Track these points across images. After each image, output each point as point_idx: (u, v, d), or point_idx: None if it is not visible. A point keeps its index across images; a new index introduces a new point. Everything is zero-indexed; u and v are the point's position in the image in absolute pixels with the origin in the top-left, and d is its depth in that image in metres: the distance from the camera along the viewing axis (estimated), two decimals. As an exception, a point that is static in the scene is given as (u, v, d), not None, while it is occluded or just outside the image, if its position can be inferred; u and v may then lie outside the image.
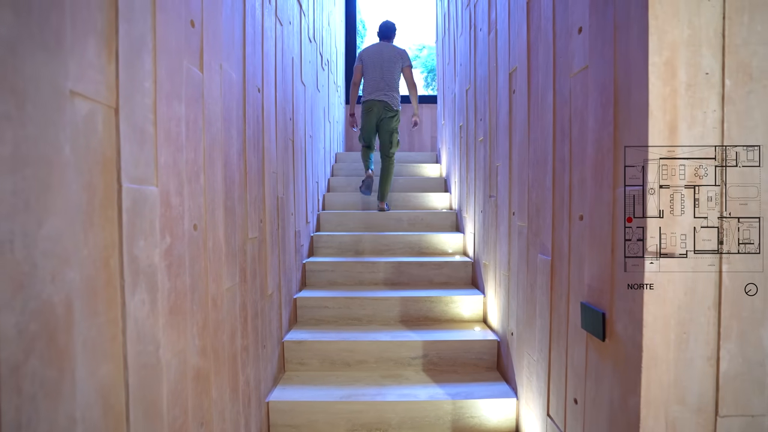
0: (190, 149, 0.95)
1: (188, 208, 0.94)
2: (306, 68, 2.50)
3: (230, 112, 1.22)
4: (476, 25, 2.30)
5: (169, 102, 0.86)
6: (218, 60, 1.13)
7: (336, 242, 2.63)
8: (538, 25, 1.36)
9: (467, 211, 2.58)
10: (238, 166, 1.29)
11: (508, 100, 1.68)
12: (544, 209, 1.29)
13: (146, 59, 0.78)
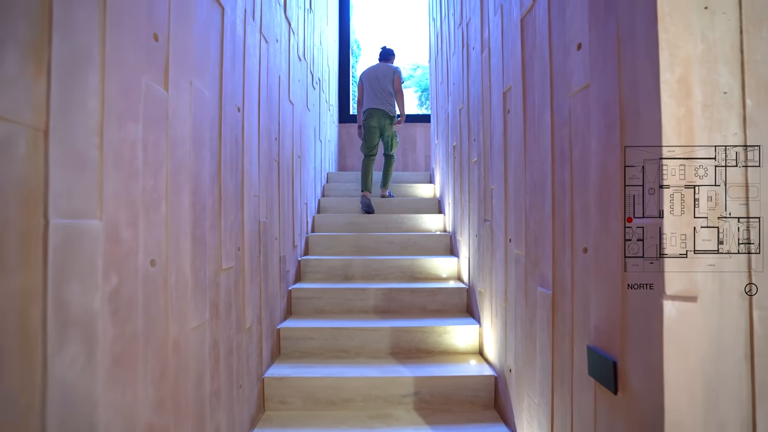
0: (148, 175, 0.85)
1: (144, 242, 0.83)
2: (295, 87, 2.43)
3: (202, 133, 1.12)
4: (469, 44, 2.25)
5: (122, 123, 0.76)
6: (188, 77, 1.04)
7: (324, 267, 2.51)
8: (533, 42, 1.29)
9: (461, 235, 2.48)
10: (211, 191, 1.19)
11: (503, 120, 1.61)
12: (543, 238, 1.19)
13: (91, 75, 0.69)
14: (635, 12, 0.76)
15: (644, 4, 0.73)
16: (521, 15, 1.38)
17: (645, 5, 0.73)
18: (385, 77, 3.49)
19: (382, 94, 3.47)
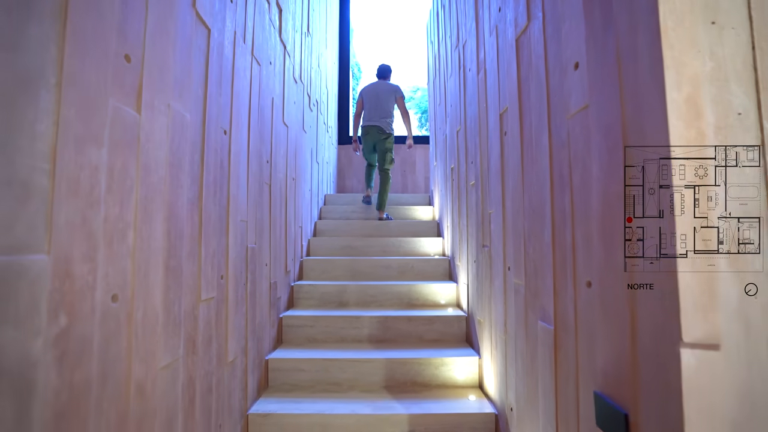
0: (112, 203, 0.79)
1: (104, 276, 0.76)
2: (290, 108, 2.41)
3: (181, 157, 1.07)
4: (465, 66, 2.23)
5: (81, 147, 0.70)
6: (165, 99, 0.99)
7: (318, 293, 2.42)
8: (528, 62, 1.25)
9: (460, 260, 2.39)
10: (190, 217, 1.12)
11: (500, 142, 1.55)
12: (543, 268, 1.11)
13: (44, 96, 0.63)
14: (636, 28, 0.70)
15: (646, 19, 0.68)
16: (516, 35, 1.34)
17: (646, 21, 0.68)
18: (387, 96, 3.54)
19: (380, 112, 3.52)
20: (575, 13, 0.94)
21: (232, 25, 1.46)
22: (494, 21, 1.64)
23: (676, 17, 0.65)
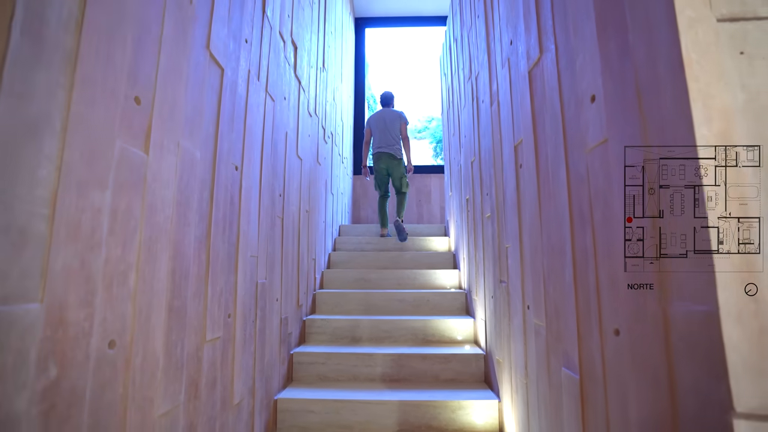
0: (114, 245, 0.77)
1: (102, 321, 0.73)
2: (304, 142, 2.43)
3: (189, 196, 1.06)
4: (478, 98, 2.22)
5: (83, 191, 0.69)
6: (175, 138, 0.99)
7: (331, 328, 2.35)
8: (542, 94, 1.22)
9: (477, 294, 2.30)
10: (197, 255, 1.10)
11: (515, 174, 1.51)
12: (565, 310, 1.03)
13: (47, 141, 0.62)
14: (656, 59, 0.67)
15: (666, 51, 0.64)
16: (528, 67, 1.33)
17: (667, 53, 0.64)
18: (393, 122, 3.71)
19: (389, 138, 3.67)
20: (589, 45, 0.91)
21: (246, 64, 1.49)
22: (506, 53, 1.63)
23: (700, 49, 0.61)
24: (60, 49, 0.65)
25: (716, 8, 0.62)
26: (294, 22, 2.20)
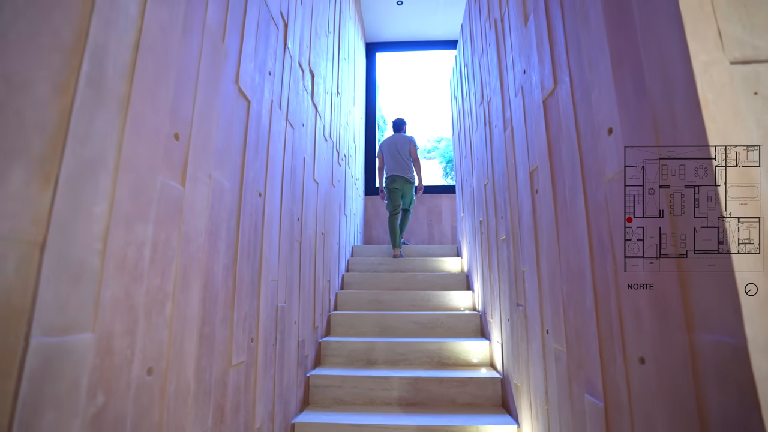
0: (154, 276, 0.81)
1: (141, 349, 0.77)
2: (320, 166, 2.49)
3: (218, 224, 1.10)
4: (491, 122, 2.27)
5: (130, 225, 0.74)
6: (207, 170, 1.04)
7: (346, 350, 2.35)
8: (558, 123, 1.25)
9: (492, 316, 2.30)
10: (225, 282, 1.14)
11: (531, 199, 1.53)
12: (586, 336, 1.04)
13: (102, 180, 0.67)
14: (672, 98, 0.70)
15: (682, 89, 0.68)
16: (543, 97, 1.37)
17: (683, 91, 0.67)
18: (403, 147, 3.95)
19: (402, 162, 3.92)
20: (604, 80, 0.95)
21: (269, 94, 1.56)
22: (519, 82, 1.68)
23: (715, 90, 0.64)
24: (116, 95, 0.71)
25: (729, 52, 0.66)
26: (312, 52, 2.30)
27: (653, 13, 0.76)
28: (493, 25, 2.20)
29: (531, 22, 1.51)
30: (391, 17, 5.18)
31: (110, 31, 0.69)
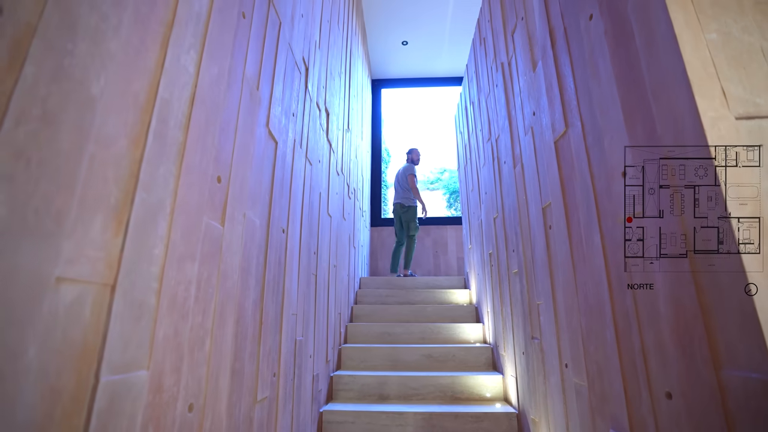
0: (197, 313, 0.85)
1: (185, 386, 0.80)
2: (333, 200, 2.56)
3: (250, 261, 1.15)
4: (500, 158, 2.35)
5: (181, 265, 0.79)
6: (242, 210, 1.10)
7: (358, 384, 2.33)
8: (570, 163, 1.32)
9: (505, 349, 2.30)
10: (254, 317, 1.17)
11: (544, 234, 1.58)
12: (609, 371, 1.07)
13: (161, 224, 0.73)
14: (686, 151, 0.76)
15: (693, 142, 0.74)
16: (555, 138, 1.45)
17: (694, 143, 0.74)
18: (403, 175, 4.35)
19: (399, 190, 4.32)
20: (615, 127, 1.02)
21: (293, 135, 1.64)
22: (528, 122, 1.77)
23: (724, 143, 0.70)
24: (174, 145, 0.77)
25: (734, 109, 0.73)
26: (327, 92, 2.41)
27: (661, 72, 0.84)
28: (500, 68, 2.32)
29: (539, 69, 1.62)
30: (396, 56, 5.42)
31: (173, 88, 0.77)
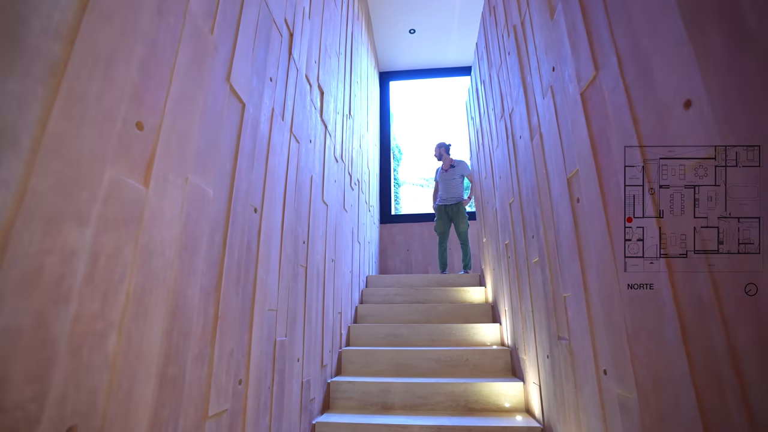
0: (90, 298, 0.61)
1: (59, 401, 0.56)
2: (330, 187, 2.32)
3: (197, 238, 0.91)
4: (514, 134, 2.08)
5: (53, 227, 0.55)
6: (183, 173, 0.86)
7: (358, 392, 2.07)
8: (602, 114, 1.05)
9: (525, 352, 2.00)
10: (203, 310, 0.93)
11: (571, 211, 1.30)
12: (671, 381, 0.78)
13: (11, 163, 0.49)
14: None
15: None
16: (581, 90, 1.17)
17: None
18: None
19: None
20: (672, 43, 0.75)
21: (270, 102, 1.41)
22: (547, 82, 1.50)
23: None
24: (44, 58, 0.54)
25: None
26: (321, 69, 2.19)
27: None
28: (512, 32, 2.06)
29: (559, 13, 1.35)
30: (404, 46, 5.19)
31: (35, -25, 0.54)
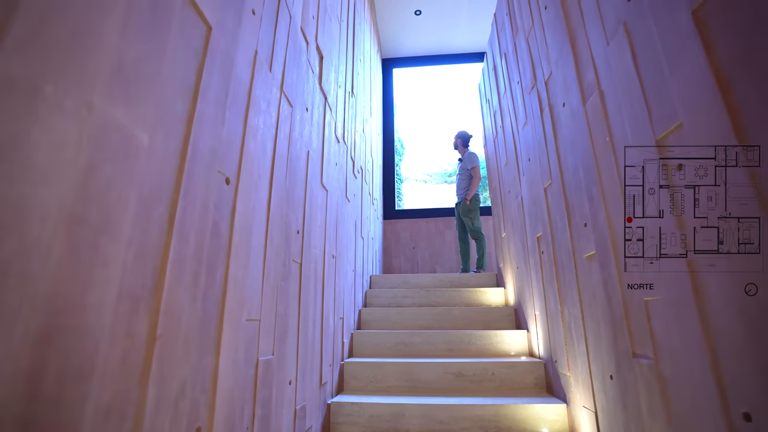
0: None
1: None
2: (330, 170, 1.97)
3: (108, 205, 0.56)
4: (552, 105, 1.72)
5: None
6: (84, 96, 0.50)
7: (365, 416, 1.71)
8: (736, 36, 0.69)
9: (569, 368, 1.64)
10: (124, 328, 0.58)
11: (663, 184, 0.94)
12: None
13: None
14: None
15: None
16: (693, 6, 0.81)
17: None
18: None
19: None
20: None
21: (252, 41, 1.06)
22: (617, 19, 1.14)
23: None
24: None
25: None
26: (320, 29, 1.83)
27: None
28: (551, -20, 1.70)
29: None
30: (409, 28, 4.83)
31: None
